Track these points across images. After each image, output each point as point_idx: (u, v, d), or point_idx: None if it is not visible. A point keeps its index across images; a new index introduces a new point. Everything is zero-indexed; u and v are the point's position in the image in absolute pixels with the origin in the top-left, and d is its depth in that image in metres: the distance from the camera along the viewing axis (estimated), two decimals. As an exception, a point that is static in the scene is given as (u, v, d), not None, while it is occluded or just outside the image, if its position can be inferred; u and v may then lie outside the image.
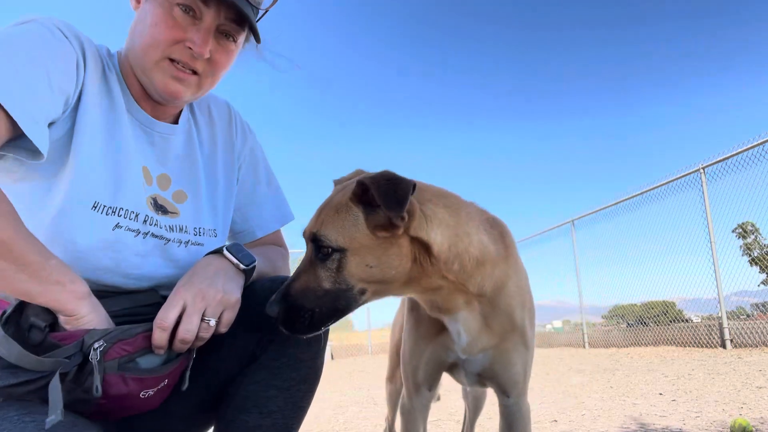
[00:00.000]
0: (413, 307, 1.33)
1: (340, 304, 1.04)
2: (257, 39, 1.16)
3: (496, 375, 1.27)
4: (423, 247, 1.05)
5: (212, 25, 1.06)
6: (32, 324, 0.87)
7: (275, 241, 1.43)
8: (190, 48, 1.04)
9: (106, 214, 1.00)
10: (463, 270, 1.10)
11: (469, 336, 1.20)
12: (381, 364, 9.70)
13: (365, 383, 6.49)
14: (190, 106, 1.28)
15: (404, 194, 0.96)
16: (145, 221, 1.07)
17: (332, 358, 13.92)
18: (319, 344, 1.15)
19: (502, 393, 1.31)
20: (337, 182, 1.27)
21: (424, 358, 1.31)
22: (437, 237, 1.06)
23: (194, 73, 1.08)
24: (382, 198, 0.96)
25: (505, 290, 1.19)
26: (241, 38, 1.14)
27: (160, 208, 1.11)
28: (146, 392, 0.93)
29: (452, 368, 1.34)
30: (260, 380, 1.09)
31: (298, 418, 1.15)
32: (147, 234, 1.07)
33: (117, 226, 1.02)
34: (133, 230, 1.05)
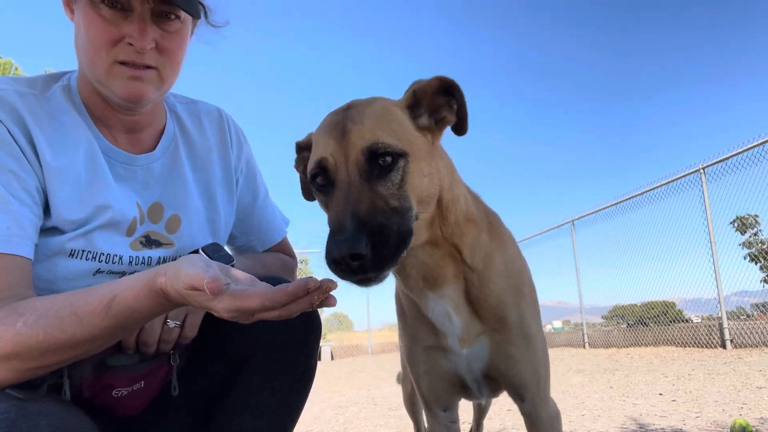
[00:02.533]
0: (401, 313, 1.24)
1: (405, 226, 0.87)
2: (194, 14, 1.02)
3: (501, 375, 1.13)
4: (447, 178, 1.02)
5: (144, 12, 0.96)
6: None
7: (282, 250, 1.40)
8: (131, 44, 0.96)
9: (86, 259, 0.98)
10: (456, 224, 1.03)
11: (459, 317, 1.08)
12: (381, 364, 9.69)
13: (365, 383, 6.49)
14: (178, 119, 1.21)
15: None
16: (130, 262, 1.04)
17: (332, 358, 13.91)
18: (312, 344, 1.14)
19: (516, 396, 1.17)
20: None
21: (423, 367, 1.19)
22: (444, 176, 1.02)
23: (149, 67, 0.99)
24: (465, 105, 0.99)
25: (494, 267, 1.09)
26: (184, 13, 1.03)
27: (153, 243, 1.08)
28: (118, 391, 0.95)
29: (464, 390, 1.22)
30: (252, 383, 1.09)
31: (291, 419, 1.15)
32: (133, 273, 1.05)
33: (98, 271, 1.00)
34: (117, 273, 1.02)
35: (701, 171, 7.85)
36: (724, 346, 7.11)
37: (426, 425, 1.32)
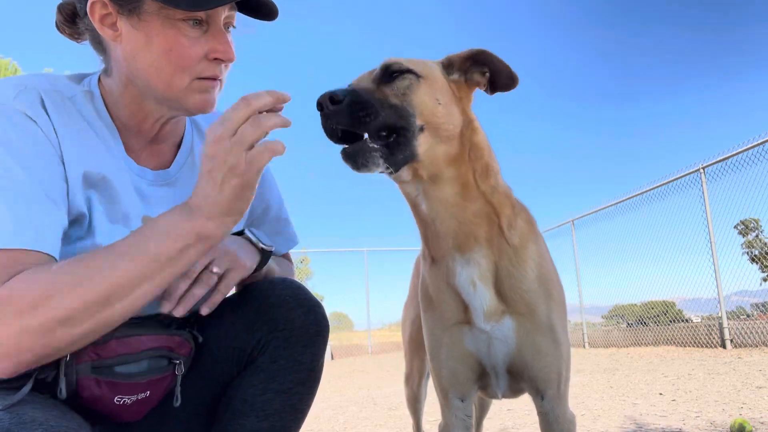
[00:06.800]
0: (426, 297, 1.21)
1: (400, 123, 0.98)
2: (272, 14, 1.03)
3: (527, 366, 1.11)
4: (472, 129, 1.09)
5: (221, 24, 0.98)
6: None
7: (284, 257, 1.42)
8: (215, 59, 0.96)
9: None
10: (496, 191, 1.09)
11: (484, 285, 1.07)
12: (381, 364, 9.69)
13: (365, 383, 6.49)
14: (196, 125, 1.21)
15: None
16: None
17: (332, 358, 13.91)
18: (319, 344, 1.14)
19: (536, 393, 1.14)
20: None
21: (444, 349, 1.16)
22: (480, 132, 1.11)
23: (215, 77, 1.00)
24: (507, 67, 1.09)
25: (530, 251, 1.10)
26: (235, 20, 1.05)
27: None
28: (121, 398, 0.94)
29: (482, 378, 1.19)
30: (258, 383, 1.08)
31: (297, 421, 1.14)
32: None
33: None
34: None
35: (701, 171, 7.85)
36: (724, 345, 7.11)
37: (440, 422, 1.30)
